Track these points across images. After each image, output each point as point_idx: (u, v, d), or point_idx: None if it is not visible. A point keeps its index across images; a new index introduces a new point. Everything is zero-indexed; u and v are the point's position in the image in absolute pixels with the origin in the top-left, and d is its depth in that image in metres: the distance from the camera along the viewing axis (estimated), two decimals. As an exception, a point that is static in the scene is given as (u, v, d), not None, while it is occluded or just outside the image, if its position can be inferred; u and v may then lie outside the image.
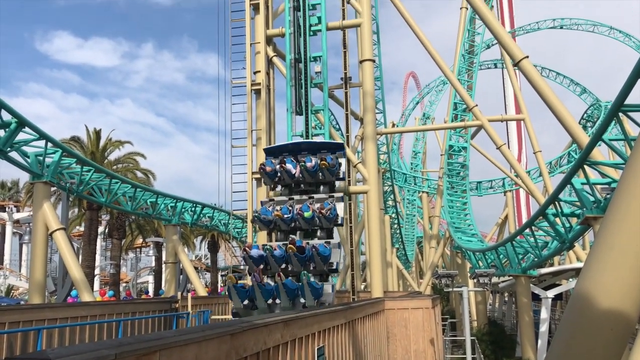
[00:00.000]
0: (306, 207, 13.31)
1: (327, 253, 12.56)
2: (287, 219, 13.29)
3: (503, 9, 72.01)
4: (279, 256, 12.40)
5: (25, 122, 18.34)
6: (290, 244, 12.22)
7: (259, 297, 11.49)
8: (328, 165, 13.59)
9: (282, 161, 13.74)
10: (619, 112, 11.58)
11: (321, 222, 13.32)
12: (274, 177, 14.13)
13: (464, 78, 35.84)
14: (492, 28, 17.95)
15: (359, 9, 17.67)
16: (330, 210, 13.16)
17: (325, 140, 15.76)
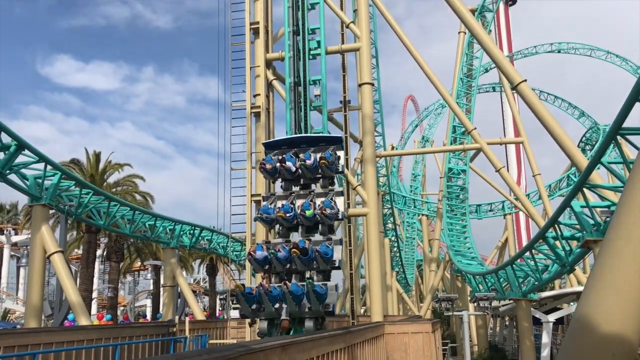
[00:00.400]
0: (307, 205, 13.59)
1: (329, 254, 12.94)
2: (290, 218, 13.55)
3: (501, 33, 72.74)
4: (282, 258, 12.83)
5: (24, 144, 18.37)
6: (293, 248, 12.58)
7: (266, 303, 12.15)
8: (328, 163, 13.82)
9: (282, 160, 13.91)
10: (617, 135, 11.61)
11: (322, 219, 13.57)
12: (274, 174, 14.39)
13: (463, 101, 36.04)
14: (490, 52, 18.09)
15: (358, 33, 17.84)
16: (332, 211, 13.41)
17: (324, 134, 15.89)
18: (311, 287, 11.99)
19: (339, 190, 14.50)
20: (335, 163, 14.19)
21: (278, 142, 14.84)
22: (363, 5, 18.14)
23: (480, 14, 36.80)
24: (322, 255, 12.78)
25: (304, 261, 12.83)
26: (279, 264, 12.97)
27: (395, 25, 24.94)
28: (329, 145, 14.38)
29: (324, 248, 12.96)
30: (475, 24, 18.92)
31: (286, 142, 14.69)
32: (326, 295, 12.56)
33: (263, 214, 13.77)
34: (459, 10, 17.57)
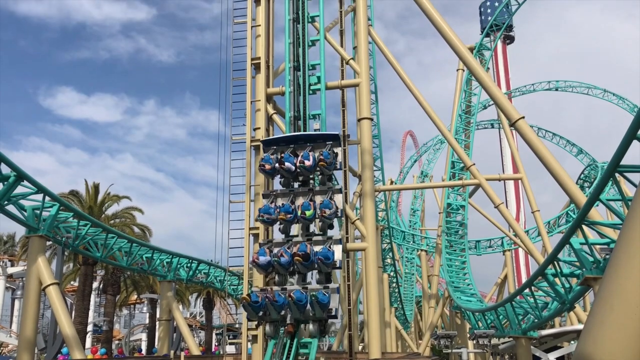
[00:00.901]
0: (307, 205, 13.98)
1: (331, 258, 13.47)
2: (290, 218, 14.02)
3: (499, 70, 73.77)
4: (285, 263, 13.36)
5: (24, 175, 18.39)
6: (296, 255, 13.12)
7: (272, 311, 12.99)
8: (326, 164, 14.15)
9: (280, 161, 14.25)
10: (616, 173, 11.65)
11: (322, 220, 14.12)
12: (273, 174, 14.78)
13: (461, 137, 36.27)
14: (488, 89, 18.29)
15: (358, 69, 18.05)
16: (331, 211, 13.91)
17: (322, 132, 16.02)
18: (315, 299, 12.64)
19: (338, 187, 14.80)
20: (333, 162, 14.48)
21: (276, 140, 15.12)
22: (363, 43, 18.40)
23: (478, 52, 37.35)
24: (324, 261, 13.31)
25: (307, 265, 13.37)
26: (282, 269, 13.50)
27: (395, 62, 25.30)
28: (326, 142, 14.66)
29: (325, 252, 13.42)
30: (474, 61, 19.18)
31: (284, 140, 14.96)
32: (329, 301, 12.99)
33: (264, 214, 14.13)
34: (458, 48, 17.83)
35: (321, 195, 14.34)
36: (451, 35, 17.65)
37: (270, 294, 13.11)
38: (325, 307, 12.98)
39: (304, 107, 16.69)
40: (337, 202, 14.33)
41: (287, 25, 17.53)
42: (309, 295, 12.87)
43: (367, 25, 19.49)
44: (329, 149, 14.49)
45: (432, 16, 17.78)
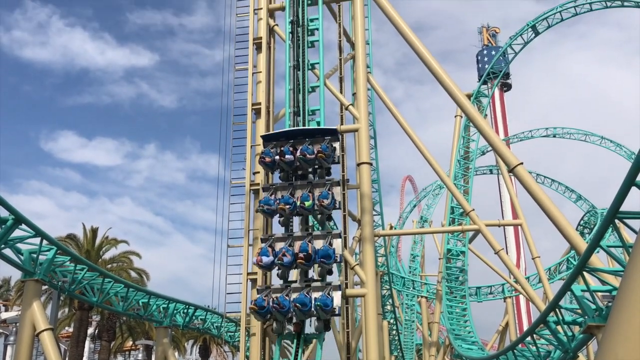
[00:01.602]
0: (306, 196, 14.54)
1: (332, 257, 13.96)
2: (290, 209, 14.54)
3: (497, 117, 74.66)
4: (288, 264, 13.91)
5: (22, 219, 18.33)
6: (299, 258, 13.63)
7: (277, 315, 13.64)
8: (325, 156, 14.81)
9: (280, 153, 14.85)
10: (615, 219, 11.62)
11: (321, 210, 14.66)
12: (273, 167, 15.39)
13: (460, 183, 36.35)
14: (486, 136, 18.42)
15: (357, 115, 18.24)
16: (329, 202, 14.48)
17: (320, 127, 16.50)
18: (320, 306, 13.27)
19: (336, 180, 15.40)
20: (331, 155, 15.13)
21: (276, 135, 15.72)
22: (362, 89, 18.66)
23: (475, 99, 37.86)
24: (326, 262, 13.92)
25: (309, 264, 14.00)
26: (284, 268, 14.15)
27: (393, 108, 25.60)
28: (324, 137, 15.18)
29: (326, 250, 13.94)
30: (471, 108, 19.40)
31: (284, 135, 15.50)
32: (332, 304, 13.52)
33: (264, 205, 14.74)
34: (455, 95, 18.06)
35: (320, 187, 14.88)
36: (449, 83, 17.91)
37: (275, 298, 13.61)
38: (330, 310, 13.50)
39: (303, 152, 16.75)
40: (336, 194, 14.94)
41: (288, 72, 17.81)
42: (312, 298, 13.53)
43: (366, 72, 19.81)
44: (328, 142, 15.07)
45: (430, 64, 18.09)
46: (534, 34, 36.19)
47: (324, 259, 13.88)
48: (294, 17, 18.19)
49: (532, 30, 36.12)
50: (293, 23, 18.16)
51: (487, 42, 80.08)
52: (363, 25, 19.27)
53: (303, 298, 13.44)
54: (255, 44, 19.24)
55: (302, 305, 13.32)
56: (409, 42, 18.38)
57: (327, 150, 14.90)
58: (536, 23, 35.83)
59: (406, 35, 18.41)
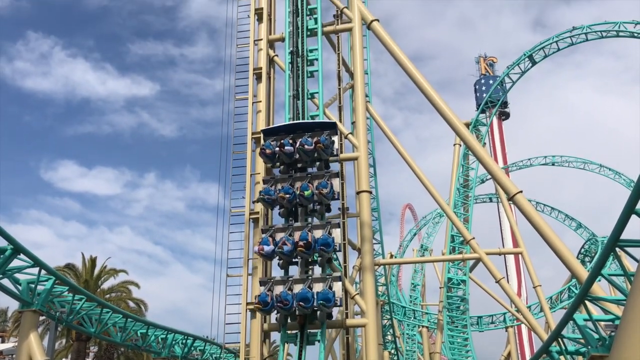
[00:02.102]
0: (305, 186, 14.98)
1: (331, 245, 14.44)
2: (290, 198, 14.94)
3: (495, 145, 74.92)
4: (288, 252, 14.33)
5: (20, 248, 18.25)
6: (299, 245, 14.05)
7: (280, 310, 14.18)
8: (323, 147, 15.29)
9: (280, 145, 15.31)
10: (616, 248, 11.58)
11: (320, 199, 15.02)
12: (273, 158, 15.83)
13: (460, 211, 36.31)
14: (485, 164, 18.48)
15: (356, 143, 18.32)
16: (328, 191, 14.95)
17: (319, 121, 17.08)
18: (322, 303, 13.73)
19: (335, 172, 15.80)
20: (330, 147, 15.62)
21: (276, 129, 16.24)
22: (361, 118, 18.79)
23: (474, 127, 38.07)
24: (325, 249, 14.33)
25: (309, 253, 14.35)
26: (285, 257, 14.55)
27: (392, 137, 25.73)
28: (323, 131, 15.65)
29: (326, 238, 14.40)
30: (470, 137, 19.50)
31: (284, 129, 16.04)
32: (334, 296, 13.97)
33: (265, 195, 15.21)
34: (454, 124, 18.17)
35: (319, 179, 15.29)
36: (447, 112, 18.03)
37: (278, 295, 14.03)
38: (332, 305, 13.95)
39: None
40: (335, 185, 15.36)
41: (288, 102, 17.97)
42: (314, 293, 13.90)
43: (365, 101, 19.98)
44: (327, 135, 15.61)
45: (429, 93, 18.24)
46: (531, 63, 36.57)
47: (323, 247, 14.25)
48: (294, 48, 18.43)
49: (529, 60, 36.51)
50: (293, 53, 18.39)
51: (485, 71, 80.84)
52: (362, 55, 19.50)
53: (305, 293, 13.81)
54: (255, 74, 19.44)
55: (304, 301, 13.73)
56: (407, 72, 18.57)
57: (326, 142, 15.40)
58: (533, 53, 36.24)
59: (404, 65, 18.60)
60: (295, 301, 13.87)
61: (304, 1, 19.10)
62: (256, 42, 19.83)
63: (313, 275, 14.68)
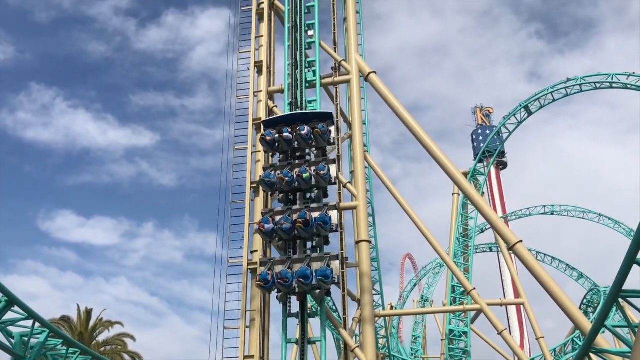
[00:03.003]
0: (304, 170, 15.78)
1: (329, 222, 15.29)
2: (289, 181, 15.74)
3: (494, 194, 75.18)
4: (287, 229, 15.13)
5: (15, 300, 17.93)
6: (298, 221, 14.82)
7: (281, 288, 14.83)
8: (320, 132, 16.10)
9: (279, 131, 16.16)
10: (619, 299, 11.43)
11: (317, 181, 15.79)
12: (273, 146, 16.65)
13: (460, 261, 36.02)
14: (484, 213, 18.44)
15: (355, 193, 18.35)
16: (325, 173, 15.72)
17: (316, 111, 17.84)
18: (321, 279, 14.40)
19: (332, 159, 16.56)
20: (327, 133, 16.42)
21: (276, 120, 17.07)
22: (359, 168, 18.89)
23: (472, 177, 38.21)
24: (323, 225, 15.10)
25: (307, 230, 15.07)
26: (284, 234, 15.28)
27: (391, 186, 25.76)
28: (321, 121, 16.49)
29: (323, 217, 15.21)
30: (469, 186, 19.54)
31: (283, 120, 16.87)
32: (332, 273, 14.64)
33: (265, 178, 16.05)
34: (452, 173, 18.23)
35: (316, 165, 16.06)
36: (445, 161, 18.13)
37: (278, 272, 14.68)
38: (330, 280, 14.66)
39: (301, 231, 16.69)
40: (332, 170, 16.14)
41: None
42: (313, 271, 14.60)
43: (364, 151, 20.13)
44: (325, 124, 16.45)
45: (426, 143, 18.38)
46: (527, 114, 37.03)
47: (321, 224, 15.05)
48: (293, 99, 18.71)
49: (525, 111, 36.99)
50: (292, 104, 18.65)
51: (482, 121, 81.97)
52: (359, 106, 19.78)
53: (304, 271, 14.47)
54: (254, 124, 19.66)
55: (304, 278, 14.39)
56: (405, 122, 18.78)
57: (323, 128, 16.19)
58: (528, 103, 36.74)
59: (402, 115, 18.83)
60: (294, 278, 14.47)
61: (303, 54, 19.51)
62: (256, 94, 20.15)
63: (312, 255, 15.33)
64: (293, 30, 19.70)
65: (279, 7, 21.58)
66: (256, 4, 21.46)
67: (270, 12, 21.74)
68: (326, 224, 15.19)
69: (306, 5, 20.19)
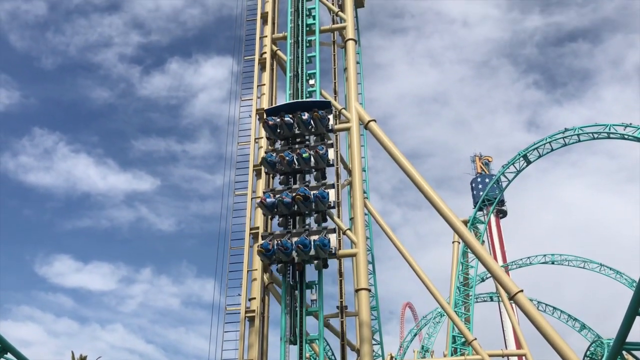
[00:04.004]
0: (304, 150, 16.84)
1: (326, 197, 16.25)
2: (289, 160, 16.70)
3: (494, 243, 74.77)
4: (287, 203, 16.12)
5: (8, 347, 17.57)
6: (297, 195, 15.90)
7: (282, 256, 15.71)
8: (319, 116, 17.12)
9: (281, 116, 17.22)
10: (623, 351, 11.26)
11: (317, 161, 16.80)
12: (275, 130, 17.47)
13: (461, 310, 35.57)
14: (485, 262, 18.32)
15: (355, 240, 18.28)
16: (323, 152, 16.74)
17: (316, 99, 19.12)
18: (319, 245, 15.47)
19: (330, 142, 17.50)
20: (325, 118, 17.42)
21: (278, 108, 17.99)
22: (359, 215, 18.88)
23: (472, 225, 38.13)
24: (321, 198, 16.06)
25: (306, 204, 16.04)
26: (284, 208, 16.18)
27: (391, 233, 25.66)
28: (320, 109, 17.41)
29: (322, 192, 16.17)
30: (469, 235, 19.46)
31: (284, 108, 17.75)
32: (329, 243, 15.77)
33: (267, 158, 17.00)
34: (452, 221, 18.20)
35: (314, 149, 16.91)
36: (445, 209, 18.13)
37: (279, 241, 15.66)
38: (328, 249, 15.72)
39: (300, 277, 16.56)
40: (330, 153, 17.10)
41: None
42: (312, 240, 15.63)
43: (364, 197, 20.16)
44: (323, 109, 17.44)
45: (426, 191, 18.43)
46: (526, 163, 37.28)
47: (319, 197, 16.00)
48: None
49: (524, 160, 37.25)
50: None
51: (481, 170, 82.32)
52: (359, 153, 19.93)
53: (304, 240, 15.53)
54: (255, 170, 19.77)
55: (303, 246, 15.41)
56: (405, 169, 18.87)
57: (322, 114, 17.24)
58: (527, 153, 37.04)
59: (401, 163, 18.94)
60: (294, 247, 15.52)
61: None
62: (257, 140, 20.34)
63: (310, 229, 16.31)
64: (294, 79, 20.06)
65: (281, 57, 22.04)
66: (259, 54, 21.91)
67: (273, 61, 22.20)
68: (324, 198, 16.12)
69: (307, 56, 20.62)
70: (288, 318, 16.02)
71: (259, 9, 22.71)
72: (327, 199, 16.23)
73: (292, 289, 16.45)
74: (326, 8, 22.81)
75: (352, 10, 22.46)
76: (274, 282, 18.58)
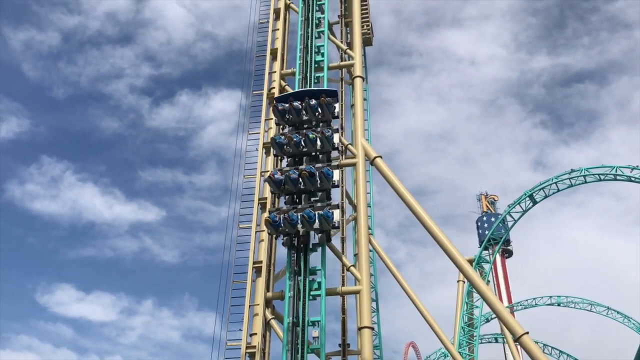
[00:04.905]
0: (310, 132, 18.02)
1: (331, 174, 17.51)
2: (297, 142, 17.88)
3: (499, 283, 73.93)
4: (294, 180, 17.32)
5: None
6: (303, 173, 17.12)
7: (288, 227, 16.95)
8: (326, 102, 18.24)
9: (290, 101, 18.41)
10: (630, 397, 10.99)
11: (323, 143, 18.02)
12: (285, 115, 18.72)
13: (465, 351, 34.96)
14: (490, 303, 18.09)
15: (359, 276, 18.12)
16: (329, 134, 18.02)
17: (323, 88, 19.90)
18: (323, 216, 16.72)
19: (336, 128, 18.74)
20: (332, 104, 18.59)
21: (287, 95, 19.25)
22: (363, 251, 18.75)
23: (477, 264, 37.77)
24: (325, 175, 17.23)
25: (312, 181, 17.21)
26: (291, 184, 17.33)
27: (395, 271, 25.38)
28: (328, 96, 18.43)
29: (327, 170, 17.37)
30: (474, 274, 19.26)
31: (293, 95, 19.03)
32: (332, 216, 16.98)
33: (276, 139, 18.14)
34: (457, 260, 18.06)
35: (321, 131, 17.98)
36: (450, 248, 18.01)
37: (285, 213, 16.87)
38: (331, 220, 16.94)
39: (303, 313, 16.42)
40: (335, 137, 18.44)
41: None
42: (316, 213, 16.80)
43: (368, 233, 20.05)
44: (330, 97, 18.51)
45: (431, 228, 18.34)
46: (532, 202, 37.12)
47: (324, 174, 17.10)
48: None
49: (530, 199, 37.10)
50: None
51: (486, 209, 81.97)
52: (365, 189, 19.94)
53: (309, 212, 16.72)
54: (260, 203, 19.75)
55: (308, 217, 16.60)
56: (410, 206, 18.84)
57: (329, 100, 18.33)
58: (533, 192, 36.91)
59: (407, 200, 18.91)
60: (299, 219, 16.68)
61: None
62: (263, 174, 20.38)
63: (315, 205, 17.30)
64: (302, 114, 20.20)
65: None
66: (267, 88, 22.14)
67: (281, 96, 22.39)
68: (329, 176, 17.26)
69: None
70: (289, 355, 15.78)
71: (269, 45, 23.05)
72: (331, 176, 17.42)
73: (295, 326, 16.18)
74: (335, 46, 23.14)
75: (360, 48, 22.78)
76: (275, 317, 18.36)
